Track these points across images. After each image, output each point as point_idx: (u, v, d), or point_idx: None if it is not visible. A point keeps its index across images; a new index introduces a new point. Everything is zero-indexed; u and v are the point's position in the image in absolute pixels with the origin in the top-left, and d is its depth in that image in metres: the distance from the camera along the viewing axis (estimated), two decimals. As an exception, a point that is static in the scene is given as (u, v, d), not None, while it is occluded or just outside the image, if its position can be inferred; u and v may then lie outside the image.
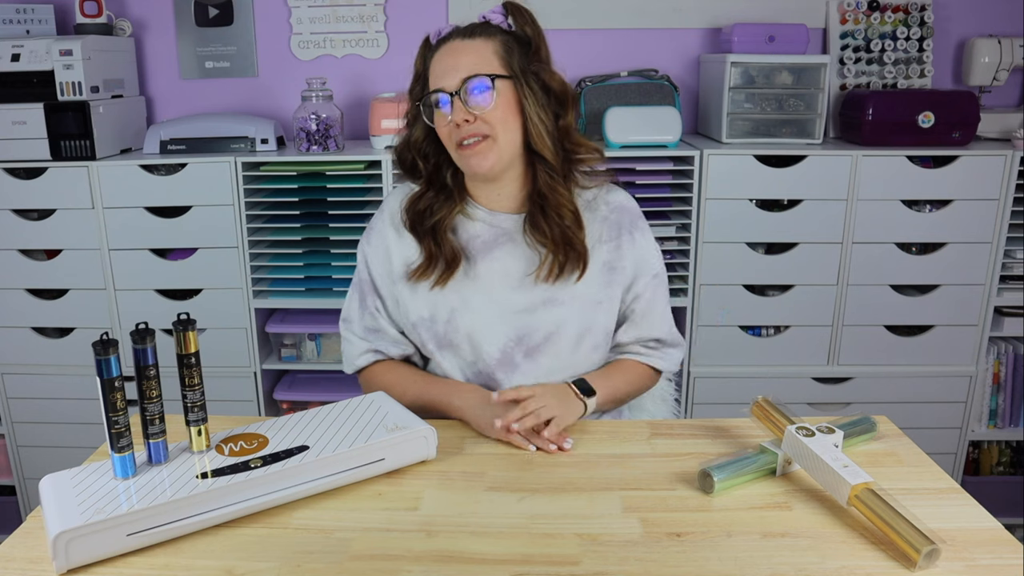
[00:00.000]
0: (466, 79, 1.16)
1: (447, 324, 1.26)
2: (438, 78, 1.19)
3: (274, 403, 2.27)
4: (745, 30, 2.10)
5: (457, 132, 1.18)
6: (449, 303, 1.26)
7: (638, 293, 1.30)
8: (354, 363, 1.35)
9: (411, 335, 1.31)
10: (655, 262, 1.33)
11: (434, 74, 1.20)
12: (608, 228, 1.28)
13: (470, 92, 1.17)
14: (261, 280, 2.13)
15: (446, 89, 1.17)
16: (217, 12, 2.31)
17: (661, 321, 1.34)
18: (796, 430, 1.00)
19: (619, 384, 1.30)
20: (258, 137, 2.11)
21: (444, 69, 1.18)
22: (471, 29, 1.21)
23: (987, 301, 2.09)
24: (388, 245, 1.30)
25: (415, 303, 1.27)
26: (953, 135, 2.02)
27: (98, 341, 0.89)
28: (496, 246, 1.26)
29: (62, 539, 0.82)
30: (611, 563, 0.86)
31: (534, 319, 1.25)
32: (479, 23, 1.22)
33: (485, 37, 1.20)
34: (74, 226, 2.07)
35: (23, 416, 2.24)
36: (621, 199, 1.32)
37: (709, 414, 2.14)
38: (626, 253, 1.28)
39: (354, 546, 0.89)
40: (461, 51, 1.18)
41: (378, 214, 1.34)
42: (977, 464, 2.37)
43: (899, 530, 0.86)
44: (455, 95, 1.17)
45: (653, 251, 1.33)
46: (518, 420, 1.11)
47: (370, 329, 1.33)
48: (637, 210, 1.33)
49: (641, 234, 1.31)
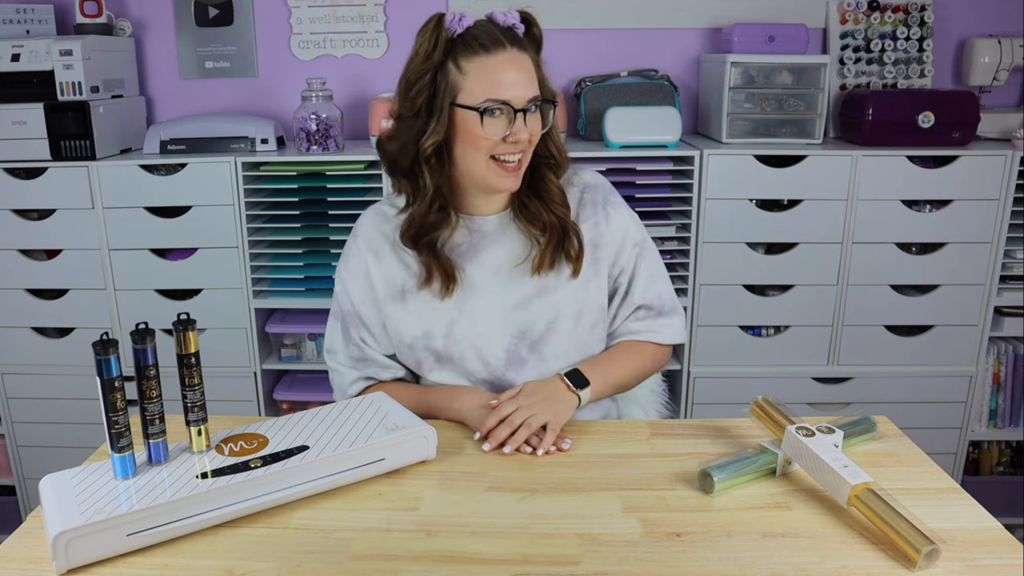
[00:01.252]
0: (534, 99, 1.15)
1: (446, 338, 1.24)
2: (500, 88, 1.13)
3: (274, 403, 2.27)
4: (745, 30, 2.10)
5: (503, 147, 1.15)
6: (446, 316, 1.24)
7: (623, 266, 1.30)
8: (346, 392, 1.31)
9: (405, 357, 1.29)
10: (634, 232, 1.31)
11: (489, 82, 1.13)
12: (584, 208, 1.29)
13: (533, 115, 1.16)
14: (261, 280, 2.13)
15: (514, 104, 1.13)
16: (217, 12, 2.31)
17: (646, 288, 1.31)
18: (796, 430, 1.00)
19: (615, 369, 1.28)
20: (258, 137, 2.11)
21: (509, 81, 1.13)
22: (512, 37, 1.15)
23: (987, 301, 2.09)
24: (368, 271, 1.26)
25: (407, 323, 1.25)
26: (953, 135, 2.02)
27: (98, 341, 0.89)
28: (480, 250, 1.25)
29: (62, 539, 0.82)
30: (611, 563, 0.86)
31: (532, 311, 1.24)
32: (506, 27, 1.17)
33: (524, 49, 1.16)
34: (74, 226, 2.07)
35: (23, 416, 2.24)
36: (589, 178, 1.32)
37: (709, 414, 2.14)
38: (604, 229, 1.28)
39: (354, 546, 0.89)
40: (521, 64, 1.15)
41: (351, 240, 1.30)
42: (977, 464, 2.37)
43: (899, 530, 0.86)
44: (520, 112, 1.14)
45: (631, 222, 1.32)
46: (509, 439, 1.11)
47: (357, 359, 1.30)
48: (608, 185, 1.33)
49: (615, 208, 1.30)
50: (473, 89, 1.13)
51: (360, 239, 1.29)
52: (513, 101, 1.13)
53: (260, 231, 2.12)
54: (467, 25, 1.15)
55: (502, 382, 1.26)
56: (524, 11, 1.19)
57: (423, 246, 1.22)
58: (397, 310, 1.25)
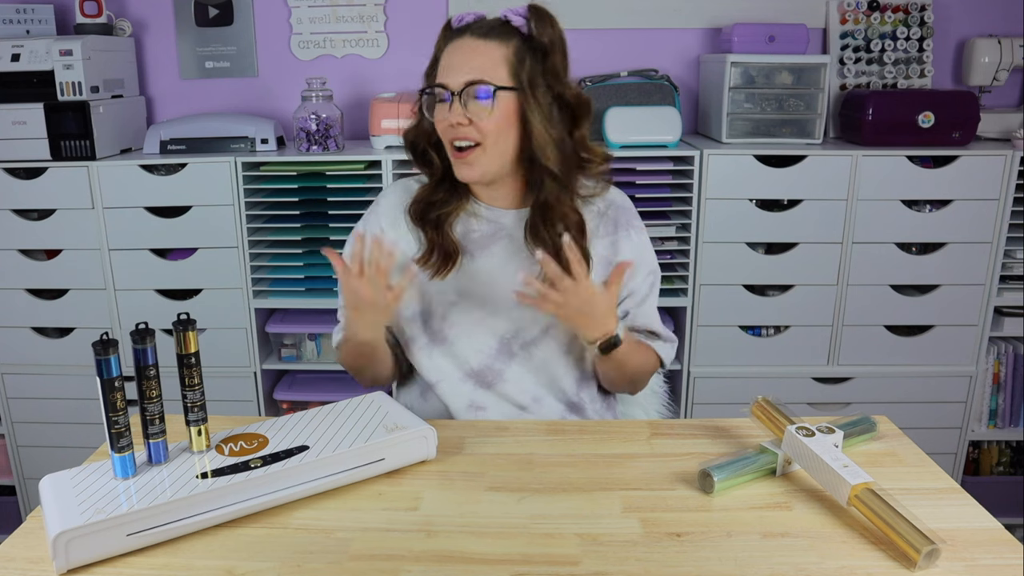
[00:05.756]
0: (469, 83, 1.16)
1: (442, 320, 1.26)
2: (444, 72, 1.18)
3: (274, 403, 2.27)
4: (745, 30, 2.10)
5: (451, 131, 1.18)
6: (446, 298, 1.26)
7: (633, 289, 1.30)
8: (335, 338, 1.33)
9: (398, 334, 1.31)
10: (650, 260, 1.33)
11: (442, 66, 1.19)
12: (604, 224, 1.29)
13: (469, 96, 1.16)
14: (261, 280, 2.13)
15: (449, 87, 1.17)
16: (217, 12, 2.31)
17: (648, 314, 1.33)
18: (796, 430, 1.00)
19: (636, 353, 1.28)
20: (258, 137, 2.11)
21: (451, 65, 1.18)
22: (489, 28, 1.19)
23: (987, 301, 2.09)
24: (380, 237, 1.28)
25: (409, 295, 1.27)
26: (953, 135, 2.02)
27: (98, 341, 0.89)
28: (493, 242, 1.27)
29: (62, 539, 0.82)
30: (611, 563, 0.86)
31: (530, 313, 1.25)
32: (499, 22, 1.20)
33: (501, 40, 1.17)
34: (74, 226, 2.07)
35: (23, 416, 2.24)
36: (616, 196, 1.33)
37: (709, 414, 2.14)
38: (622, 249, 1.28)
39: (354, 546, 0.89)
40: (472, 51, 1.17)
41: (372, 207, 1.34)
42: (977, 464, 2.37)
43: (899, 530, 0.86)
44: (456, 95, 1.16)
45: (648, 250, 1.33)
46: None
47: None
48: (632, 208, 1.34)
49: (637, 232, 1.31)
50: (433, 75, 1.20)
51: (381, 207, 1.33)
52: (449, 84, 1.16)
53: (260, 231, 2.12)
54: (466, 22, 1.20)
55: (488, 371, 1.27)
56: (534, 5, 1.20)
57: (428, 223, 1.25)
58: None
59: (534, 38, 1.19)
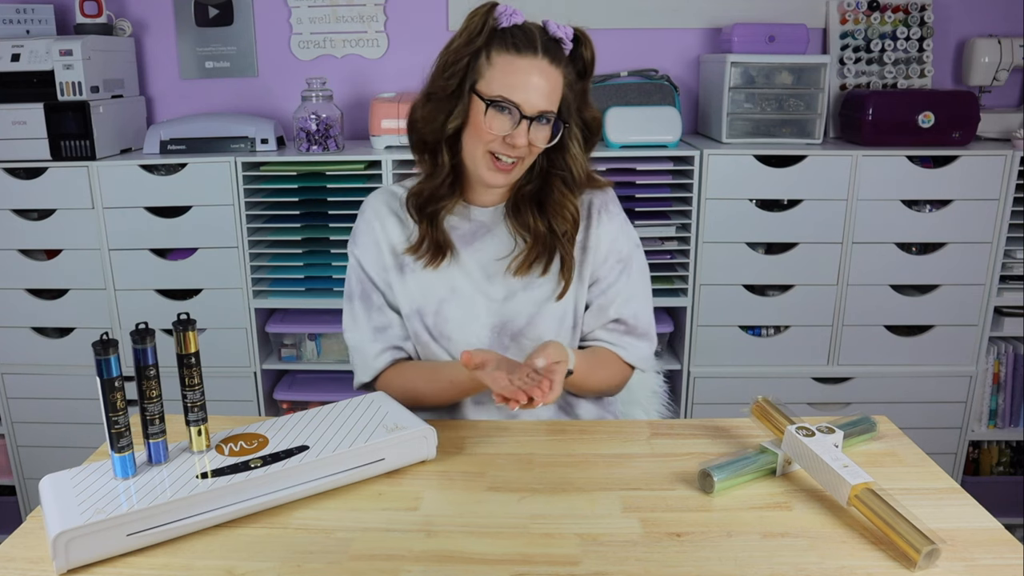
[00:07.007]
0: (544, 112, 1.16)
1: (436, 315, 1.27)
2: (516, 90, 1.14)
3: (274, 403, 2.27)
4: (745, 30, 2.10)
5: (500, 146, 1.17)
6: (437, 294, 1.27)
7: (600, 277, 1.29)
8: (371, 366, 1.29)
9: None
10: (622, 246, 1.30)
11: (507, 81, 1.14)
12: (582, 209, 1.29)
13: (541, 126, 1.17)
14: (261, 280, 2.13)
15: (523, 110, 1.14)
16: (217, 12, 2.31)
17: (623, 304, 1.30)
18: (796, 430, 1.01)
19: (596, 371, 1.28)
20: (258, 137, 2.11)
21: (526, 85, 1.14)
22: (553, 49, 1.16)
23: (987, 301, 2.09)
24: (377, 239, 1.30)
25: (405, 293, 1.28)
26: (953, 135, 2.02)
27: (98, 341, 0.89)
28: (476, 238, 1.28)
29: (62, 539, 0.82)
30: (611, 563, 0.86)
31: (515, 304, 1.26)
32: (551, 40, 1.17)
33: (559, 64, 1.16)
34: (74, 226, 2.07)
35: (23, 416, 2.24)
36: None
37: (709, 414, 2.14)
38: (592, 234, 1.29)
39: (354, 546, 0.89)
40: (546, 78, 1.15)
41: (360, 216, 1.34)
42: (977, 464, 2.37)
43: (899, 530, 0.86)
44: (527, 119, 1.15)
45: (621, 235, 1.31)
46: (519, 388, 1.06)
47: (379, 329, 1.30)
48: (611, 193, 1.33)
49: (609, 217, 1.30)
50: (492, 81, 1.15)
51: (368, 212, 1.33)
52: (523, 106, 1.14)
53: (260, 231, 2.12)
54: (515, 22, 1.17)
55: None
56: (579, 29, 1.20)
57: (426, 216, 1.26)
58: (397, 280, 1.29)
59: (575, 61, 1.20)
